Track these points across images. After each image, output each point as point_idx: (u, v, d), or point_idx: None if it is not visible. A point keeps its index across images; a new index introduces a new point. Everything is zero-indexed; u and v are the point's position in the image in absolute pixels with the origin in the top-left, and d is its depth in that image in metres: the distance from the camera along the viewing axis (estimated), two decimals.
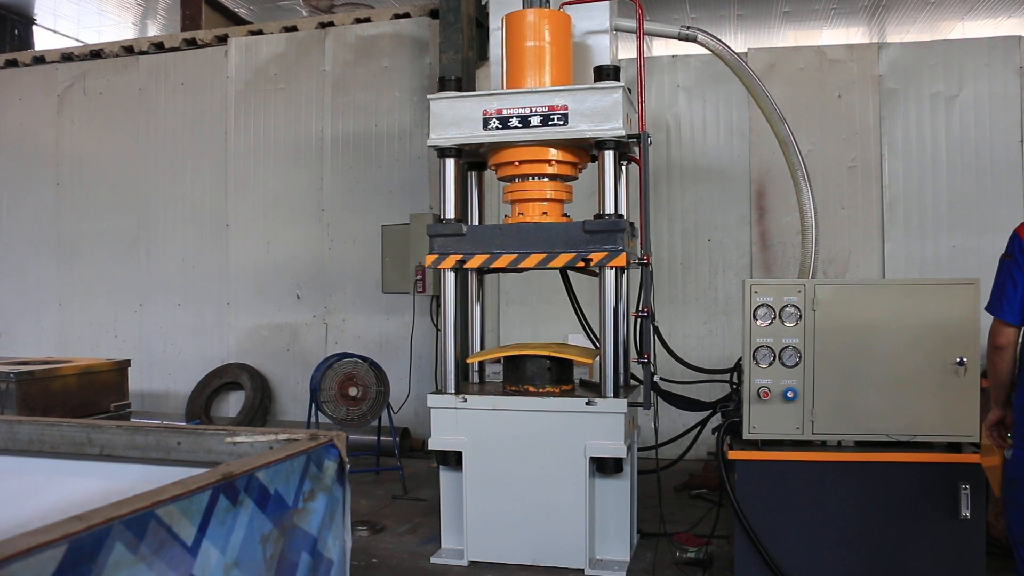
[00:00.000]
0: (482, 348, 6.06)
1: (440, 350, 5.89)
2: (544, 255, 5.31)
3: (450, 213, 5.62)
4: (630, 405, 5.35)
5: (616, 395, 5.29)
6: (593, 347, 5.94)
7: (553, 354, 5.41)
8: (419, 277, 8.21)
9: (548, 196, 5.58)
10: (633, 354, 5.60)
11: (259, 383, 9.49)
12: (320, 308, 9.60)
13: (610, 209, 5.37)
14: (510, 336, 8.92)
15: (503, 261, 5.39)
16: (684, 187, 8.88)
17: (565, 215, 5.70)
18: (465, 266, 5.46)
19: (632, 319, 5.66)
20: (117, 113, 10.38)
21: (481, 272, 5.92)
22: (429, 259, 5.47)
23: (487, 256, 5.39)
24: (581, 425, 5.23)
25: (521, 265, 5.37)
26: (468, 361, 5.89)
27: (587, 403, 5.19)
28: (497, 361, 6.14)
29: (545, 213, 5.55)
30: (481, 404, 5.38)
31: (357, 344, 9.34)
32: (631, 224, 5.55)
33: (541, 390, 5.40)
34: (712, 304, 8.80)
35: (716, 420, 5.58)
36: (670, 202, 8.89)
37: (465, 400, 5.36)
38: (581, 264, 5.27)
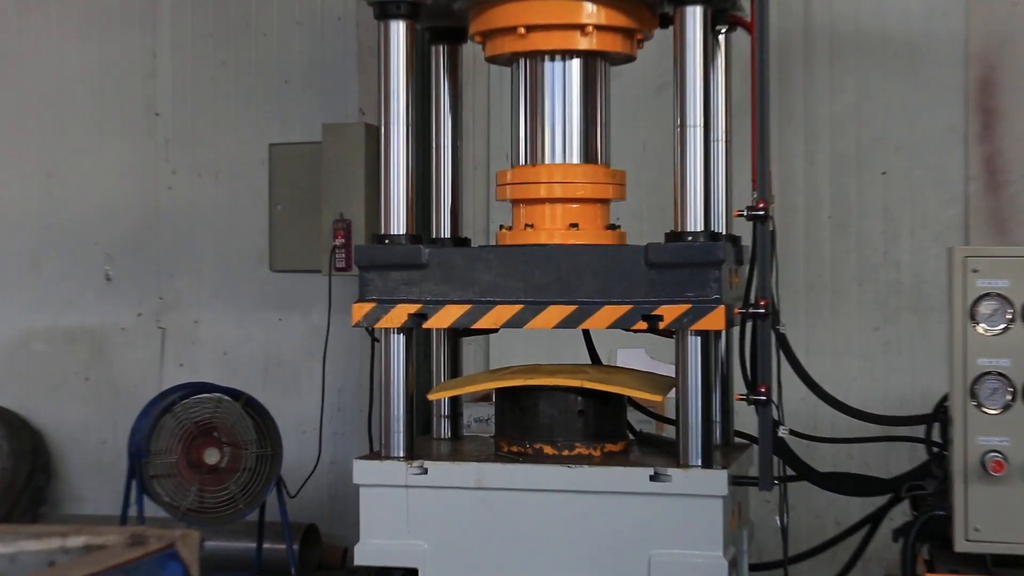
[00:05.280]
0: (455, 375, 5.40)
1: (378, 378, 4.99)
2: (572, 308, 4.67)
3: (399, 213, 4.81)
4: (735, 482, 4.65)
5: (708, 462, 4.58)
6: (663, 375, 5.22)
7: (589, 385, 4.74)
8: (339, 241, 6.81)
9: (579, 194, 4.83)
10: (739, 387, 4.88)
11: (25, 443, 8.07)
12: (151, 298, 8.09)
13: (694, 186, 4.54)
14: (509, 352, 7.01)
15: (496, 316, 4.74)
16: (838, 74, 7.08)
17: (612, 226, 4.95)
18: (426, 325, 4.82)
19: (737, 319, 4.77)
20: None
21: (457, 335, 5.31)
22: (359, 310, 4.78)
23: (466, 308, 4.75)
24: (642, 518, 4.50)
25: (530, 325, 4.75)
26: (431, 398, 5.19)
27: (653, 477, 4.49)
28: (485, 398, 5.76)
29: (575, 226, 4.83)
30: (454, 478, 4.65)
31: (221, 366, 7.82)
32: (735, 241, 4.87)
33: (567, 452, 4.72)
34: (889, 292, 7.02)
35: (900, 512, 5.08)
36: (811, 102, 7.16)
37: (424, 471, 4.64)
38: (642, 326, 4.57)
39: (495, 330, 4.99)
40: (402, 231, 4.85)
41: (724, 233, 4.94)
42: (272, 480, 6.41)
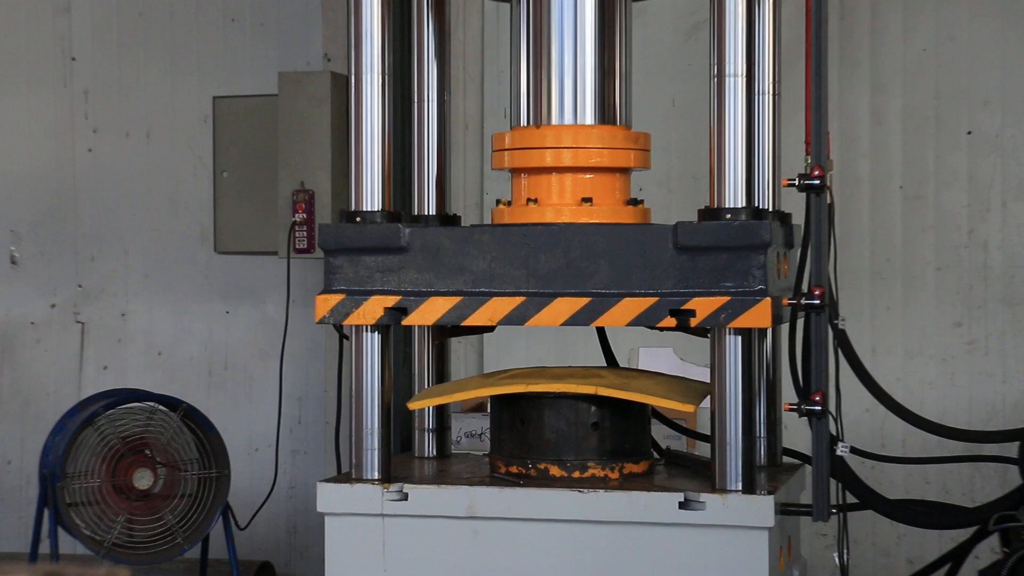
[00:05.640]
0: (441, 381, 5.33)
1: (347, 385, 4.87)
2: (585, 301, 4.59)
3: (373, 184, 4.67)
4: (783, 511, 4.58)
5: (750, 487, 4.46)
6: (695, 380, 5.11)
7: (604, 392, 4.63)
8: (300, 216, 6.65)
9: (593, 162, 4.75)
10: (788, 396, 4.74)
11: None
12: (67, 286, 7.80)
13: (734, 151, 4.35)
14: (507, 353, 7.13)
15: (491, 311, 4.65)
16: (912, 10, 6.83)
17: (634, 201, 4.80)
18: (406, 321, 4.70)
19: (787, 314, 4.55)
20: None
21: (444, 333, 5.21)
22: (325, 302, 4.64)
23: (455, 300, 4.65)
24: (670, 554, 4.45)
25: (533, 322, 4.65)
26: (412, 408, 5.04)
27: (683, 504, 4.41)
28: (478, 408, 5.73)
29: (588, 200, 4.72)
30: (440, 506, 4.56)
31: (154, 368, 7.59)
32: (785, 219, 4.79)
33: (578, 474, 4.67)
34: (975, 279, 6.76)
35: (988, 548, 5.21)
36: (879, 46, 6.89)
37: (404, 497, 4.53)
38: (670, 322, 4.45)
39: (491, 328, 4.79)
40: (377, 206, 4.57)
41: (771, 209, 4.66)
42: (217, 508, 6.16)
